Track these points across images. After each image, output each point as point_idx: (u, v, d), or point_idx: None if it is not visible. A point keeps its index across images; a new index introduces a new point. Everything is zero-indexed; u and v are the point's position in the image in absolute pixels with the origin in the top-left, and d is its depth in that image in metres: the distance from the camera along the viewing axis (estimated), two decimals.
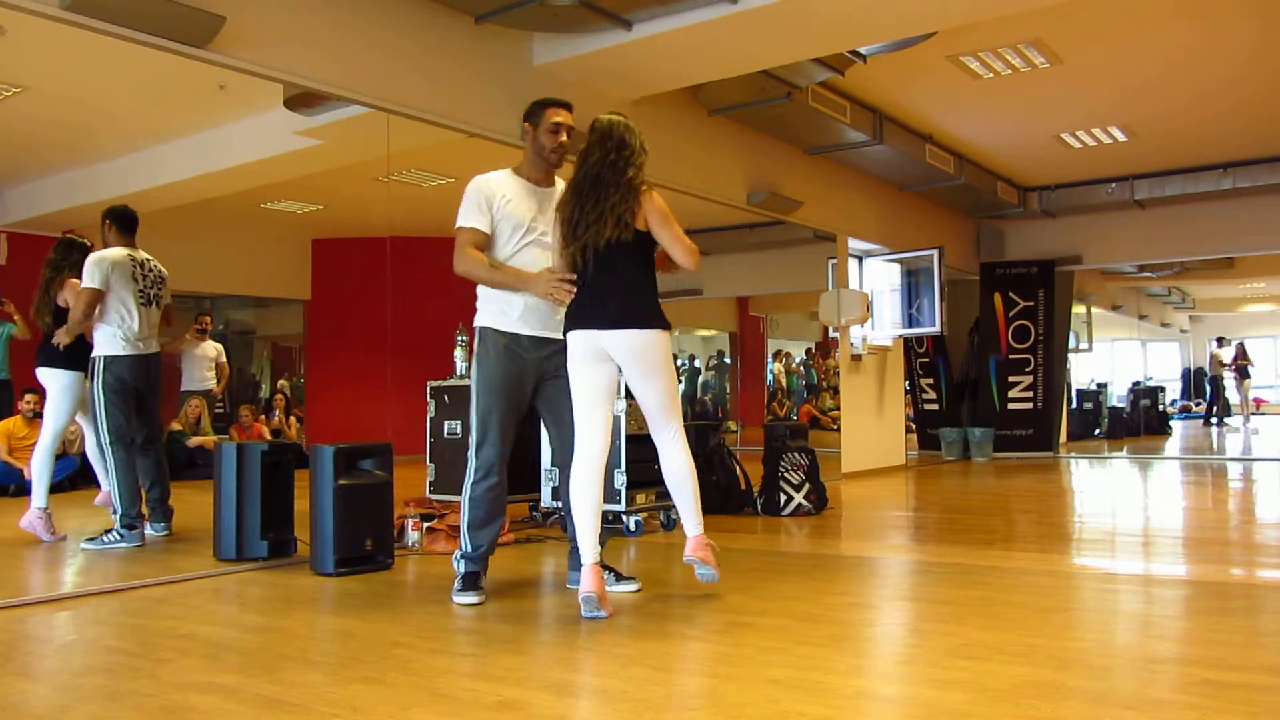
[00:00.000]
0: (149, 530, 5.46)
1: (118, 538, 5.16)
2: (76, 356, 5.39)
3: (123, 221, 5.48)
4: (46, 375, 5.43)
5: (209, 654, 3.16)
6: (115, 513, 5.22)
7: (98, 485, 5.65)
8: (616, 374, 3.74)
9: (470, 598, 3.79)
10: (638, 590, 3.96)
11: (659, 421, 3.74)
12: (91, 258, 5.31)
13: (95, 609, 3.86)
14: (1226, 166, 10.10)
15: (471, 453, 3.90)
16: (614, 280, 3.65)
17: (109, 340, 5.31)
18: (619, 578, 3.99)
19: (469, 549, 3.89)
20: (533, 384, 3.94)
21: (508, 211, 3.88)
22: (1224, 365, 17.57)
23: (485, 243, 3.87)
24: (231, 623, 3.75)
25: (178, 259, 5.79)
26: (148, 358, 5.44)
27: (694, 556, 3.72)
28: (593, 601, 3.47)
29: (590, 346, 3.66)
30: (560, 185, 3.99)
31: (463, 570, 3.87)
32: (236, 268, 7.69)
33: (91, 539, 5.19)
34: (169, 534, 5.53)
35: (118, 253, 5.38)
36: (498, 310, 3.90)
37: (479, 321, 3.94)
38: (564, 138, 3.96)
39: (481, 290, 3.93)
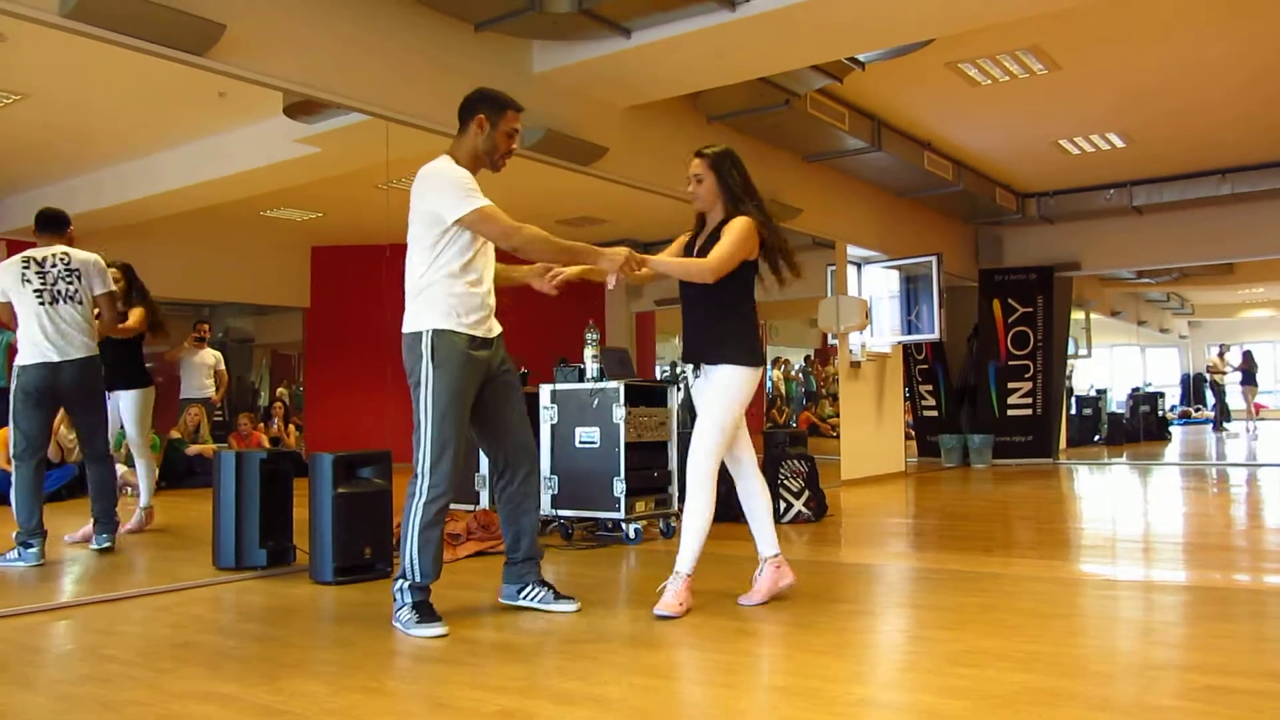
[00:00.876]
0: (93, 545, 5.19)
1: (15, 557, 4.82)
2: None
3: (39, 222, 5.17)
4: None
5: (208, 663, 3.15)
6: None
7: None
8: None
9: (437, 628, 3.42)
10: (578, 610, 3.78)
11: None
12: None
13: (93, 618, 3.85)
14: (1224, 172, 10.11)
15: (426, 467, 3.52)
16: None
17: (20, 348, 4.99)
18: (557, 596, 3.82)
19: (418, 578, 3.51)
20: (479, 387, 3.65)
21: None
22: (1223, 371, 17.58)
23: None
24: (230, 631, 3.74)
25: (176, 266, 5.79)
26: (60, 365, 4.98)
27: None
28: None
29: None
30: None
31: (413, 600, 3.50)
32: (235, 275, 7.68)
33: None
34: (110, 548, 5.18)
35: (10, 259, 5.06)
36: (457, 309, 3.53)
37: (431, 324, 3.52)
38: (515, 145, 3.73)
39: (433, 289, 3.53)
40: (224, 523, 4.72)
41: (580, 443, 5.66)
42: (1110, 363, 17.78)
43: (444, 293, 3.54)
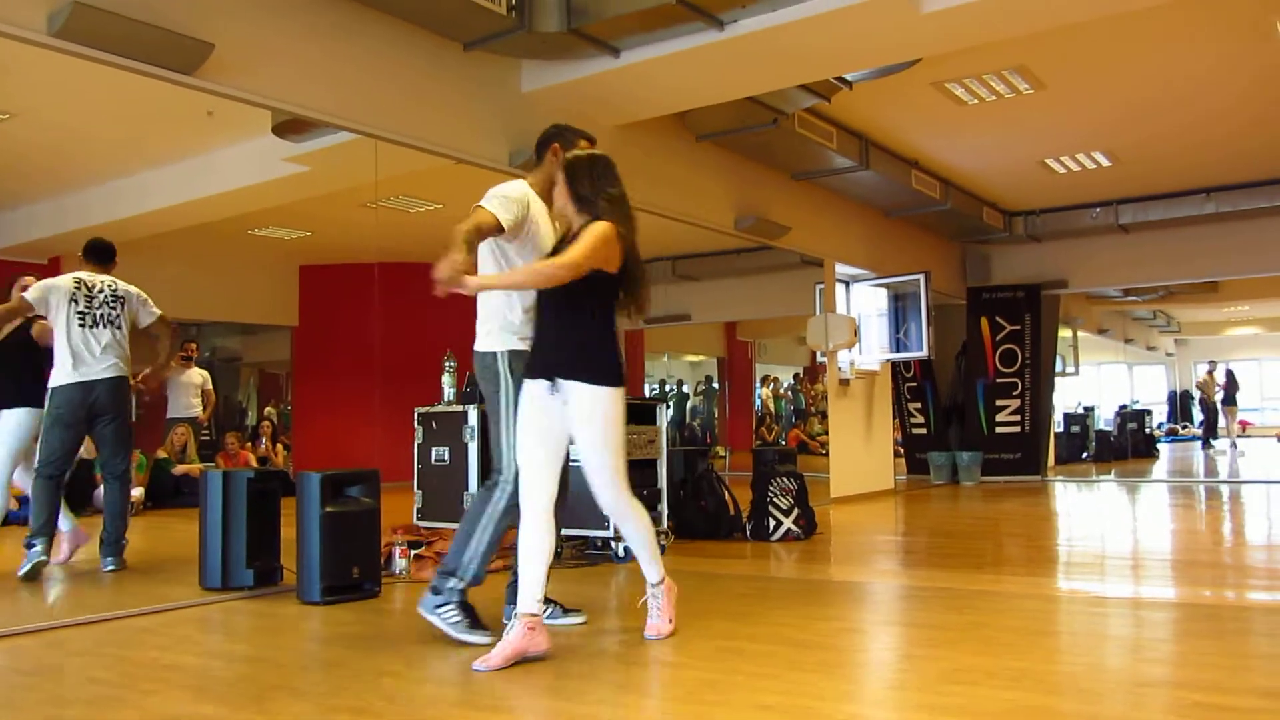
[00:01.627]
0: (104, 566, 5.22)
1: (26, 560, 4.93)
2: (29, 394, 5.31)
3: (91, 251, 5.43)
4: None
5: (194, 684, 3.12)
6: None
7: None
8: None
9: (482, 636, 3.48)
10: (584, 623, 3.86)
11: None
12: (41, 281, 5.28)
13: (78, 639, 3.81)
14: (1209, 191, 10.18)
15: (507, 467, 3.66)
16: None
17: (55, 369, 5.19)
18: (564, 610, 3.88)
19: (472, 577, 3.60)
20: None
21: (535, 234, 3.69)
22: (1214, 389, 17.69)
23: (493, 235, 3.60)
24: (217, 652, 3.71)
25: (164, 285, 5.77)
26: (93, 383, 5.19)
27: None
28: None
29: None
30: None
31: (459, 600, 3.58)
32: (224, 294, 7.66)
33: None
34: (116, 569, 5.23)
35: (63, 277, 5.29)
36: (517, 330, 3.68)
37: (506, 346, 3.67)
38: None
39: (506, 313, 3.68)
40: (210, 543, 4.69)
41: (569, 461, 5.64)
42: (1097, 380, 17.87)
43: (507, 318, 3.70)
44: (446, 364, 6.30)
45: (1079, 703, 2.76)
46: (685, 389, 12.51)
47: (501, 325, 3.70)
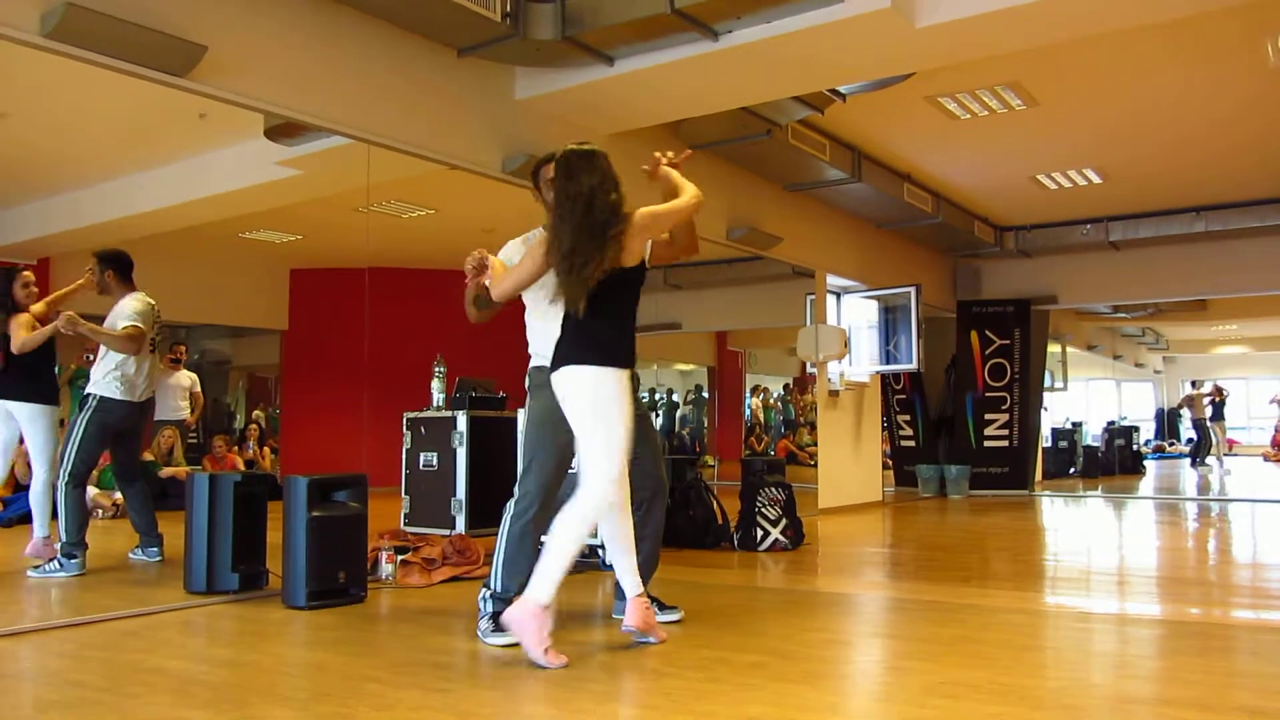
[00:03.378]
0: (142, 556, 5.59)
1: (58, 566, 5.14)
2: (46, 389, 5.43)
3: (122, 267, 5.55)
4: (25, 409, 5.41)
5: (177, 688, 3.10)
6: (60, 541, 5.22)
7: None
8: None
9: (507, 638, 3.54)
10: (680, 619, 3.99)
11: None
12: (142, 302, 5.46)
13: (60, 642, 3.79)
14: (1199, 210, 10.24)
15: (516, 485, 3.83)
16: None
17: (106, 382, 5.36)
18: (662, 607, 3.99)
19: (499, 589, 3.72)
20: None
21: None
22: (1206, 406, 17.76)
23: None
24: (201, 657, 3.69)
25: (153, 287, 5.76)
26: (139, 405, 5.51)
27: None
28: (638, 634, 3.61)
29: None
30: None
31: (490, 610, 3.71)
32: (213, 297, 7.64)
33: (35, 568, 5.18)
34: (162, 559, 5.59)
35: (146, 303, 5.50)
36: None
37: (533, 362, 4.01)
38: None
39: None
40: (196, 546, 4.67)
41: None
42: (1086, 396, 17.93)
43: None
44: (436, 369, 6.29)
45: (1063, 718, 2.76)
46: (675, 398, 12.50)
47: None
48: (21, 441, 5.49)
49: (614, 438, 3.45)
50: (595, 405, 3.47)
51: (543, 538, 3.62)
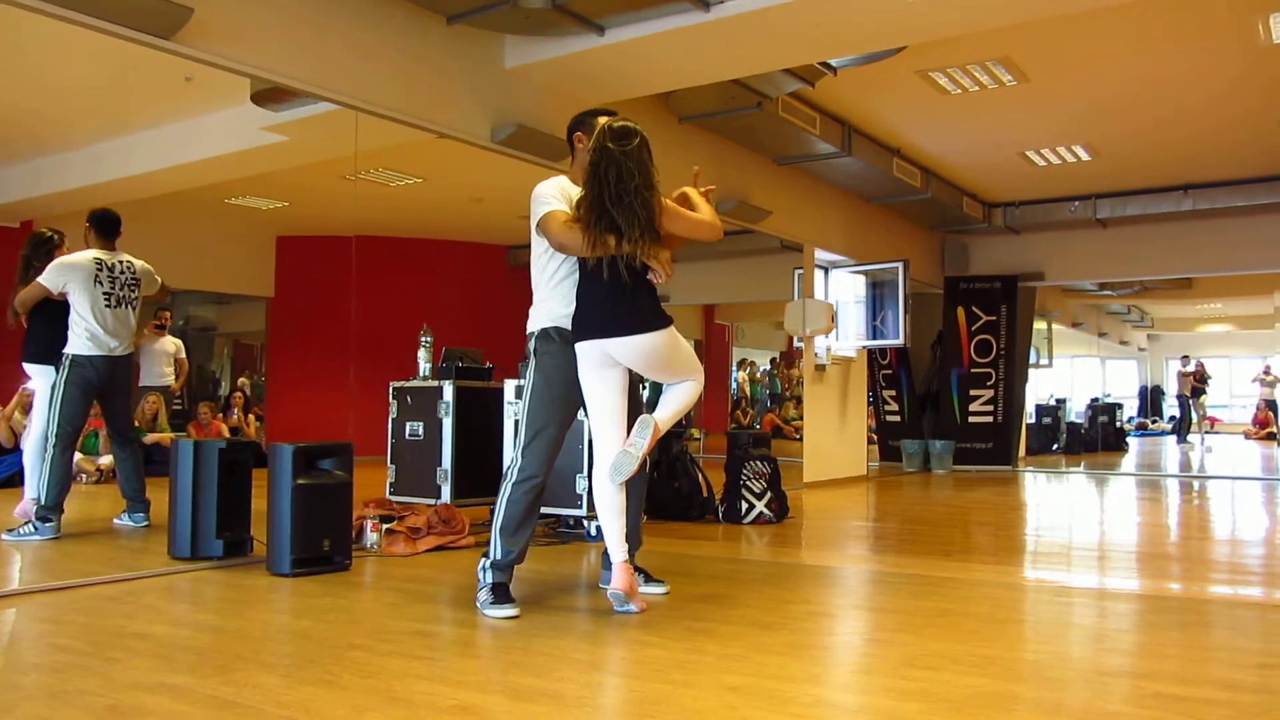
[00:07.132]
0: (128, 521, 5.66)
1: (32, 530, 5.19)
2: (50, 350, 5.49)
3: (100, 225, 5.65)
4: (35, 370, 5.58)
5: (160, 654, 3.11)
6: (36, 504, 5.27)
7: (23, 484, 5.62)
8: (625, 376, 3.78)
9: (507, 610, 3.58)
10: (666, 593, 4.00)
11: None
12: (55, 261, 5.50)
13: (43, 606, 3.79)
14: (1187, 188, 10.26)
15: (517, 452, 3.75)
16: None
17: (75, 340, 5.43)
18: (649, 579, 4.03)
19: (499, 555, 3.69)
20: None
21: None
22: (1197, 383, 17.89)
23: None
24: (184, 622, 3.70)
25: (139, 251, 5.76)
26: (114, 359, 5.53)
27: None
28: (621, 598, 3.62)
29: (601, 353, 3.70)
30: None
31: (490, 580, 3.68)
32: (199, 263, 7.59)
33: (10, 530, 5.21)
34: (148, 525, 5.63)
35: (81, 257, 5.52)
36: (564, 312, 3.78)
37: (540, 324, 3.82)
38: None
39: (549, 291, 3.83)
40: (180, 512, 4.67)
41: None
42: (1070, 373, 18.01)
43: (550, 294, 3.85)
44: (423, 339, 6.27)
45: (1041, 690, 2.79)
46: None
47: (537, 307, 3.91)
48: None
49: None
50: (676, 355, 3.77)
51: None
